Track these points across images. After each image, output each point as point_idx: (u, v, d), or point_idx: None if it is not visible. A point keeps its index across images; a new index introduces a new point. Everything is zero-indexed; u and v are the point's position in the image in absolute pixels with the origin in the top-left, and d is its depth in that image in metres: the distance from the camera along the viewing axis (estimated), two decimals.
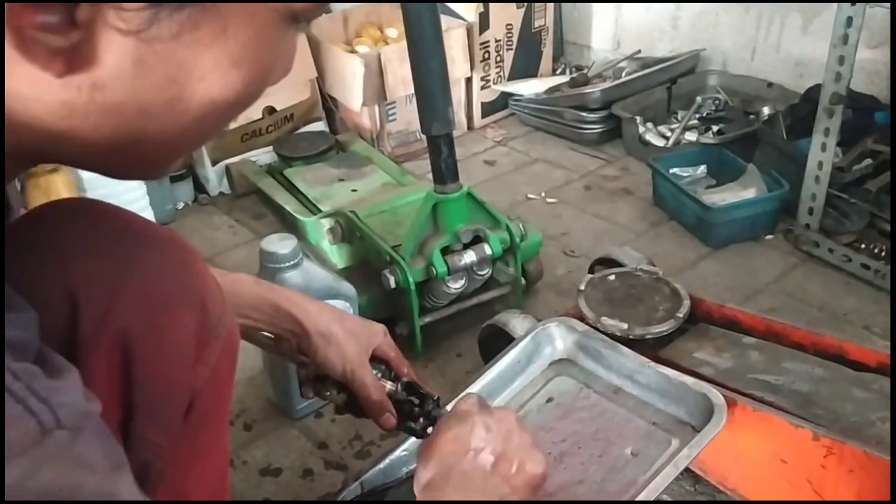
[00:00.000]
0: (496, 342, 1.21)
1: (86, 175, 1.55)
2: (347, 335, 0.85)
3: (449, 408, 0.82)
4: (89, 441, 0.37)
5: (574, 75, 2.28)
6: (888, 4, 1.52)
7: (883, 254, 1.52)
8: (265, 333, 0.86)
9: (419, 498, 0.68)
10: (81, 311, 0.53)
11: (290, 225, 1.67)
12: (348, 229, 1.50)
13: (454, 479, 0.68)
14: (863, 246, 1.55)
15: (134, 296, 0.55)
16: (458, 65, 2.07)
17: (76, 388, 0.39)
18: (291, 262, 1.13)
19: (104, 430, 0.40)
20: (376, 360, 0.89)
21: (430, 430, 0.81)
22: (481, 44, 2.16)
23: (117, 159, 0.43)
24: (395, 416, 0.84)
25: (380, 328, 0.91)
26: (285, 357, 0.92)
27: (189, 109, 0.41)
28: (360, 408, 0.87)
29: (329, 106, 2.08)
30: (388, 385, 0.87)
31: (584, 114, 2.08)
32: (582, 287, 1.21)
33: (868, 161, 1.63)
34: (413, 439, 1.02)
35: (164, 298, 0.57)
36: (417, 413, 0.84)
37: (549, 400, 1.10)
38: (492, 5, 2.14)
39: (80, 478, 0.36)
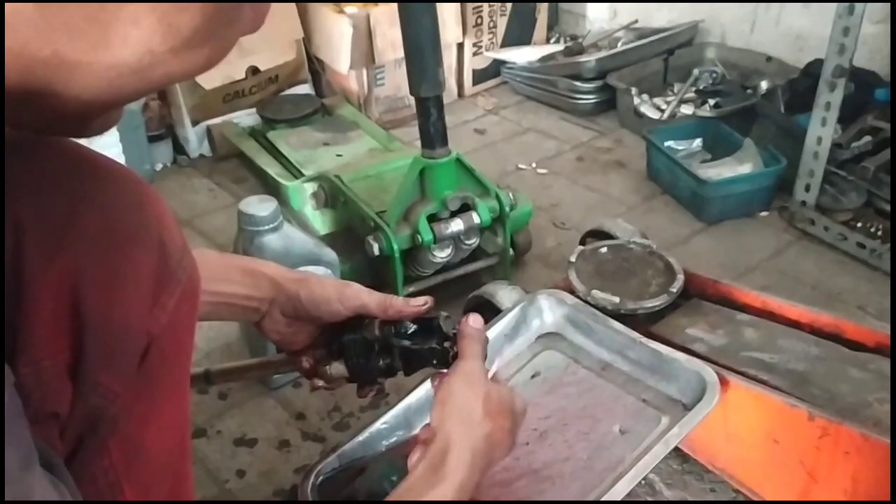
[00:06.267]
0: (482, 314, 1.16)
1: None
2: (326, 277, 0.81)
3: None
4: None
5: (569, 44, 2.23)
6: None
7: (879, 233, 1.49)
8: (246, 306, 0.80)
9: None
10: (27, 245, 0.47)
11: (272, 189, 1.62)
12: (332, 194, 1.45)
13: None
14: (859, 225, 1.52)
15: (86, 230, 0.50)
16: (449, 29, 2.01)
17: None
18: (271, 225, 1.09)
19: (13, 413, 0.35)
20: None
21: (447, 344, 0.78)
22: (474, 8, 2.09)
23: (31, 113, 0.36)
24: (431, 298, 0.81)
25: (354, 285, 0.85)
26: (287, 363, 0.88)
27: (120, 60, 0.34)
28: (365, 372, 0.81)
29: (315, 68, 2.01)
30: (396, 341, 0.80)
31: (578, 83, 2.03)
32: (573, 259, 1.17)
33: (867, 138, 1.60)
34: (392, 412, 0.99)
35: (119, 235, 0.51)
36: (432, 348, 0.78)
37: (536, 374, 1.06)
38: None
39: None
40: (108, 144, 1.56)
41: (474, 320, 0.78)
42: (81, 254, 0.49)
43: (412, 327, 0.80)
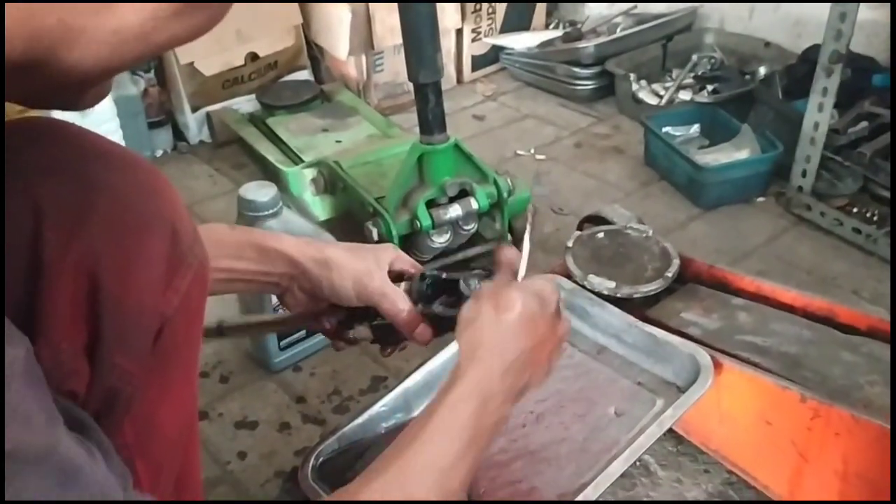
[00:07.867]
0: None
1: (58, 116, 1.49)
2: (347, 255, 0.78)
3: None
4: (20, 391, 0.34)
5: (567, 30, 2.23)
6: None
7: (875, 218, 1.50)
8: (264, 282, 0.79)
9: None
10: (47, 230, 0.49)
11: (271, 175, 1.63)
12: (331, 180, 1.46)
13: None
14: (855, 210, 1.53)
15: (102, 216, 0.51)
16: (448, 15, 2.01)
17: None
18: (271, 211, 1.10)
19: (34, 376, 0.37)
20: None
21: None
22: None
23: (32, 85, 0.37)
24: (431, 329, 0.79)
25: (388, 245, 0.84)
26: (307, 322, 0.87)
27: (124, 24, 0.35)
28: (390, 333, 0.80)
29: (314, 54, 2.01)
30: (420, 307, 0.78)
31: (576, 69, 2.03)
32: (570, 244, 1.18)
33: (864, 124, 1.60)
34: (392, 395, 1.00)
35: (134, 221, 0.53)
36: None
37: None
38: None
39: (19, 435, 0.33)
40: (108, 131, 1.57)
41: (506, 252, 0.74)
42: (98, 239, 0.50)
43: (440, 295, 0.79)
